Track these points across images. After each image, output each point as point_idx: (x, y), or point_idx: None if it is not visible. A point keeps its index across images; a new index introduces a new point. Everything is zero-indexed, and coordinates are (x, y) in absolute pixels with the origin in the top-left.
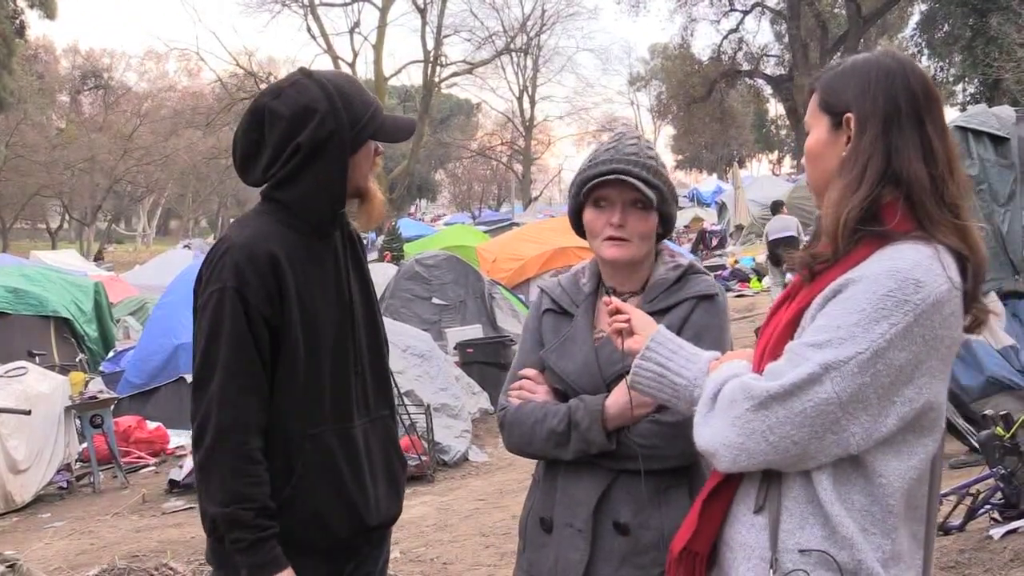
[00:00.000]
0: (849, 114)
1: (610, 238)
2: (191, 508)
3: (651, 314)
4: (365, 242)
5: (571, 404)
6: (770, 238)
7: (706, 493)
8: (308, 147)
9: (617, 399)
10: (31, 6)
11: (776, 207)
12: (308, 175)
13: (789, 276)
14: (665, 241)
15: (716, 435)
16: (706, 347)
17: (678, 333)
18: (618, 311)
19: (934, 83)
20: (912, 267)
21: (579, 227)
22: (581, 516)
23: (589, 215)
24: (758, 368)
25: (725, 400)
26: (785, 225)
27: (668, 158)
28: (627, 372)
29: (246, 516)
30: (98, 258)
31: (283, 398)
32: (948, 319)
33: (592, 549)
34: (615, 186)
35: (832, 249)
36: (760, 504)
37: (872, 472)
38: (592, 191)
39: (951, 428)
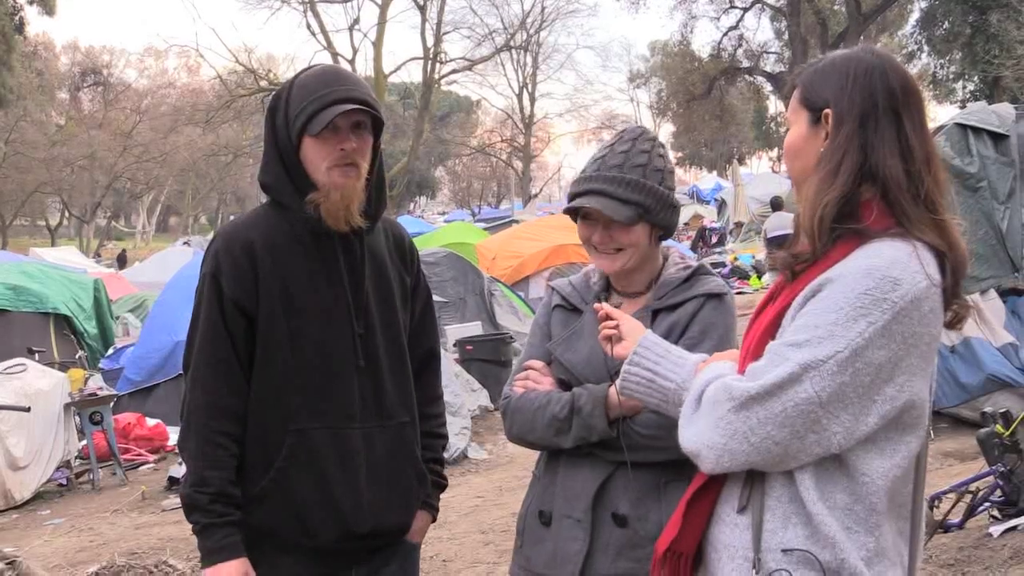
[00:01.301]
0: (827, 110)
1: (597, 249)
2: None
3: (660, 310)
4: None
5: (575, 391)
6: (768, 236)
7: (690, 493)
8: (269, 144)
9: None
10: (30, 2)
11: (776, 204)
12: (277, 170)
13: None
14: (670, 242)
15: (699, 436)
16: (711, 344)
17: (685, 329)
18: (608, 317)
19: (932, 79)
20: (889, 265)
21: None
22: (580, 507)
23: (579, 226)
24: (742, 369)
25: (708, 401)
26: (783, 223)
27: (668, 156)
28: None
29: (202, 500)
30: (120, 259)
31: (261, 387)
32: (927, 316)
33: (590, 540)
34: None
35: (811, 247)
36: (743, 504)
37: (855, 471)
38: (573, 209)
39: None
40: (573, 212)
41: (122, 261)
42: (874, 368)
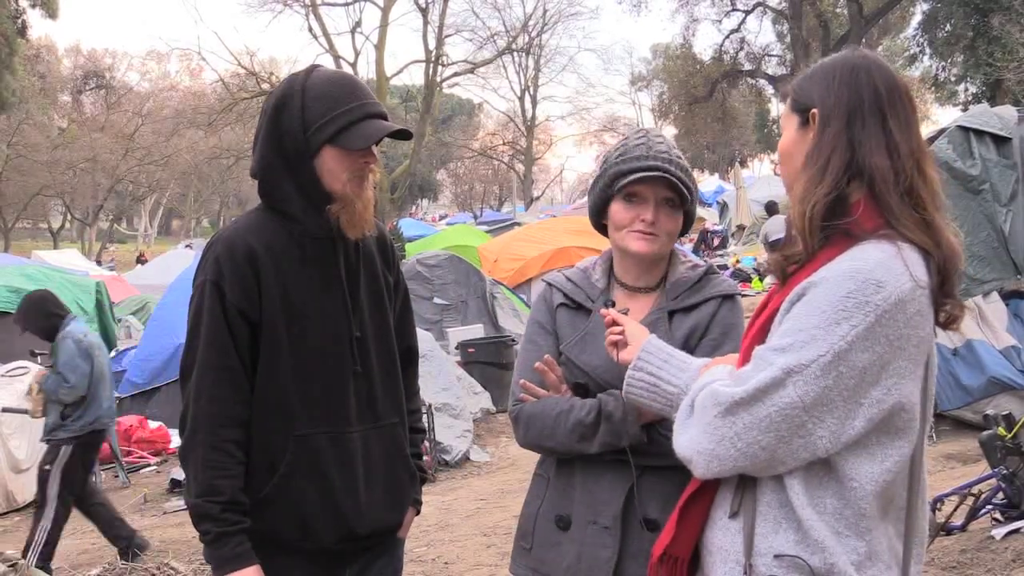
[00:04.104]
0: (814, 110)
1: (639, 232)
2: None
3: (676, 311)
4: None
5: (601, 397)
6: (770, 239)
7: (685, 498)
8: (271, 146)
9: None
10: (33, 6)
11: (771, 208)
12: (278, 174)
13: None
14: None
15: (691, 441)
16: (732, 344)
17: (705, 330)
18: (615, 323)
19: (934, 82)
20: (873, 267)
21: (598, 220)
22: (608, 513)
23: (618, 209)
24: None
25: (698, 407)
26: (775, 226)
27: None
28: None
29: (213, 509)
30: (141, 260)
31: (264, 393)
32: (913, 318)
33: (620, 546)
34: (649, 183)
35: (803, 247)
36: (735, 509)
37: (843, 475)
38: (625, 186)
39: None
40: (603, 203)
41: (142, 263)
42: (858, 371)
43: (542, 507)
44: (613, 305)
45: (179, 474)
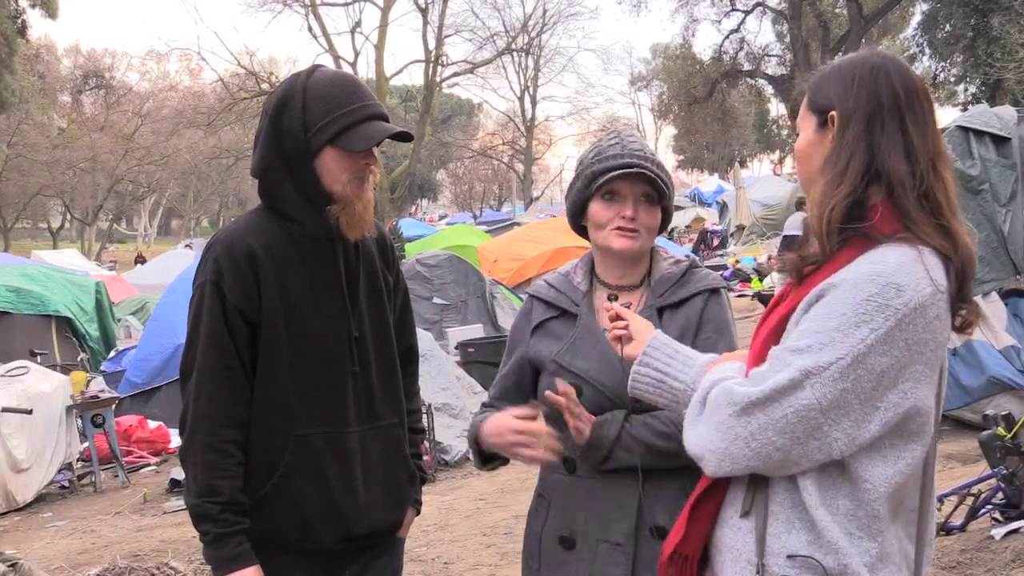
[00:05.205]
0: (833, 112)
1: (620, 229)
2: None
3: (664, 307)
4: None
5: (475, 415)
6: (783, 233)
7: (695, 496)
8: (272, 146)
9: (497, 424)
10: (33, 6)
11: (800, 204)
12: (278, 175)
13: None
14: (662, 241)
15: (702, 440)
16: (727, 341)
17: (698, 327)
18: (618, 317)
19: (933, 82)
20: (893, 271)
21: (577, 222)
22: (620, 530)
23: (597, 208)
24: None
25: (711, 405)
26: (795, 223)
27: (669, 158)
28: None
29: (212, 509)
30: (139, 260)
31: (263, 393)
32: (932, 323)
33: (632, 561)
34: (627, 180)
35: (820, 249)
36: (747, 508)
37: (857, 477)
38: (604, 184)
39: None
40: (581, 204)
41: (141, 263)
42: (876, 375)
43: (545, 527)
44: (616, 300)
45: (179, 474)
